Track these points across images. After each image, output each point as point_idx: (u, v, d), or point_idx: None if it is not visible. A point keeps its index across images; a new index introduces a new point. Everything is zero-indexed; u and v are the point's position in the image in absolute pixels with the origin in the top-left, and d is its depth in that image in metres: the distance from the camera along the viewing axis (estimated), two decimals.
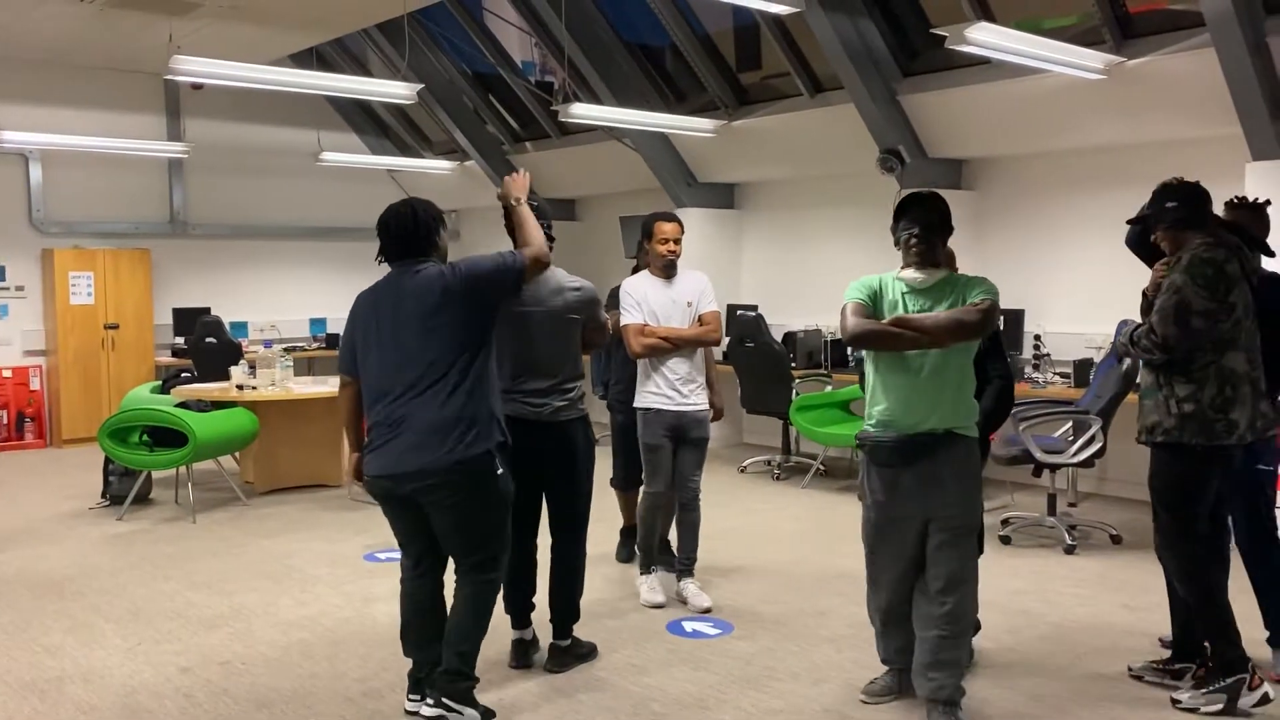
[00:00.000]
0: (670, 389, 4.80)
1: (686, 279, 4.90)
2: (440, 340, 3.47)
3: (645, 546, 5.06)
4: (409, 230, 3.57)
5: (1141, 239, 4.08)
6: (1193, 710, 3.68)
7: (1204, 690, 3.68)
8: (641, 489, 5.08)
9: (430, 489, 3.47)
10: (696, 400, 4.86)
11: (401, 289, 3.54)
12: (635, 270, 5.15)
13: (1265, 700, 3.62)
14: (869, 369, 3.48)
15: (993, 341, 3.93)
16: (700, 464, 4.95)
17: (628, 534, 5.72)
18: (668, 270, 4.85)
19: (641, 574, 5.07)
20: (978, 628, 3.99)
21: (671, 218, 4.89)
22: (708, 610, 4.85)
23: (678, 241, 4.83)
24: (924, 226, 3.45)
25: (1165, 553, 3.80)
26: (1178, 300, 3.59)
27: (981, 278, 3.42)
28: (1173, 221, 3.75)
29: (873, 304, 3.44)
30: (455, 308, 3.48)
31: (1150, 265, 4.02)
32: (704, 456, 4.99)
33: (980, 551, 3.70)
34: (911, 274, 3.46)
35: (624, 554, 5.69)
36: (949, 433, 3.38)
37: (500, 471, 3.55)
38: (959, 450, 3.40)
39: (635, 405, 4.93)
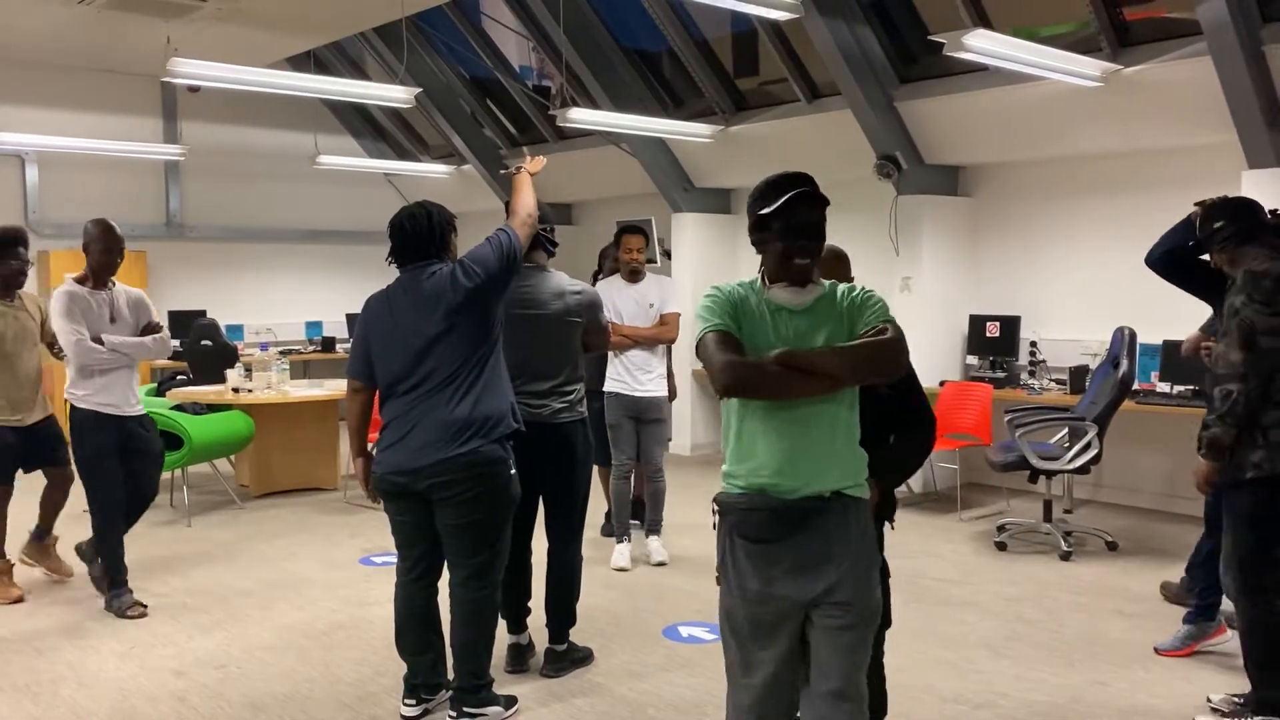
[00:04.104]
0: (629, 376, 5.59)
1: (651, 283, 5.68)
2: (458, 338, 3.51)
3: (618, 517, 5.80)
4: (424, 233, 3.61)
5: (1177, 263, 3.92)
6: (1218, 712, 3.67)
7: (1233, 714, 3.63)
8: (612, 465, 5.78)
9: (447, 484, 3.49)
10: (652, 387, 5.64)
11: (418, 290, 3.57)
12: (598, 272, 6.01)
13: None
14: (730, 413, 2.57)
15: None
16: (660, 440, 5.77)
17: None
18: (633, 275, 5.64)
19: (617, 542, 5.73)
20: None
21: (638, 230, 5.71)
22: (663, 564, 5.68)
23: (641, 250, 5.64)
24: (817, 234, 2.54)
25: (1227, 577, 3.56)
26: (1239, 322, 3.35)
27: (868, 291, 2.57)
28: (1223, 242, 3.59)
29: (737, 328, 2.51)
30: (476, 305, 3.52)
31: (1187, 287, 3.90)
32: (663, 434, 5.83)
33: (888, 624, 3.04)
34: (785, 294, 2.54)
35: (606, 529, 6.16)
36: (837, 495, 2.50)
37: (513, 473, 3.61)
38: (851, 517, 2.53)
39: (602, 389, 5.67)
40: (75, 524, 5.65)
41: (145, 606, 4.94)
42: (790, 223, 2.53)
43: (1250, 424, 3.39)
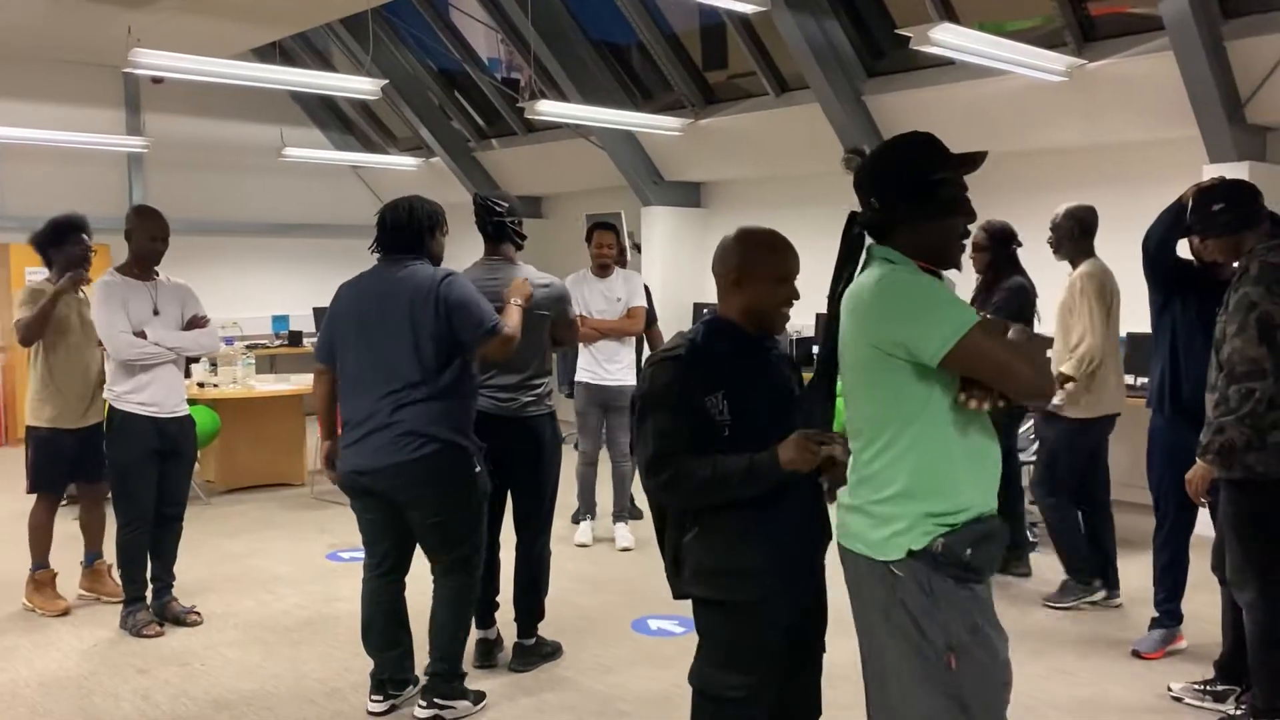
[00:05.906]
0: (598, 366, 5.83)
1: (619, 277, 5.90)
2: (422, 345, 3.47)
3: (582, 497, 6.08)
4: (401, 225, 3.59)
5: (1169, 251, 3.84)
6: None
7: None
8: (577, 450, 6.09)
9: (409, 485, 3.47)
10: (620, 377, 5.84)
11: (387, 285, 3.53)
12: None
13: None
14: (927, 437, 2.09)
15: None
16: (625, 427, 5.74)
17: None
18: (602, 270, 5.86)
19: (580, 522, 6.05)
20: None
21: (608, 227, 5.95)
22: (627, 549, 5.82)
23: (611, 246, 5.86)
24: None
25: (1243, 586, 3.32)
26: (1258, 316, 3.14)
27: None
28: (1223, 227, 3.42)
29: None
30: (441, 323, 3.47)
31: (1158, 278, 3.85)
32: (630, 421, 5.67)
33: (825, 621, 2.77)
34: (952, 281, 2.18)
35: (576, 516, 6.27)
36: None
37: (478, 470, 3.58)
38: None
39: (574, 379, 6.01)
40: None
41: (163, 628, 4.59)
42: (961, 194, 2.07)
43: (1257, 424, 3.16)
